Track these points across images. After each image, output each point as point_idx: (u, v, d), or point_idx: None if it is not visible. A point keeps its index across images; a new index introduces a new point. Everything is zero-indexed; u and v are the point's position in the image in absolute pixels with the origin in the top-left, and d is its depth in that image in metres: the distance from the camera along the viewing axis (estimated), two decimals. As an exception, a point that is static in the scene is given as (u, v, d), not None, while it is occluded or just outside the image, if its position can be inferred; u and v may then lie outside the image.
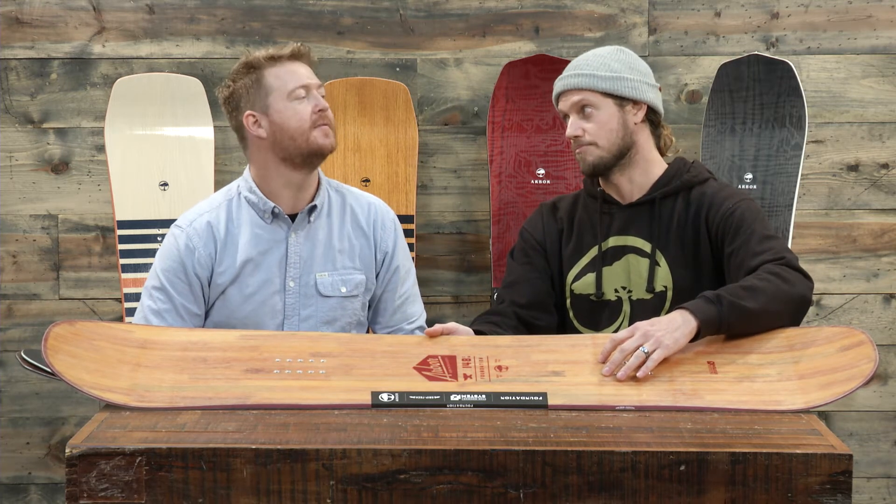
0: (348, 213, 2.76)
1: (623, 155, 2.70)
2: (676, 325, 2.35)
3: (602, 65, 2.69)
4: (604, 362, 2.33)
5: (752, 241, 2.58)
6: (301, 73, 2.66)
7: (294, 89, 2.64)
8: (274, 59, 2.65)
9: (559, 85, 2.74)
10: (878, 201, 3.62)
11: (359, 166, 3.55)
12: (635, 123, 2.71)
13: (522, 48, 3.60)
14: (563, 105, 2.73)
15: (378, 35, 3.60)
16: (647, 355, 2.30)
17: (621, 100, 2.69)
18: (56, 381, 2.24)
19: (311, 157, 2.66)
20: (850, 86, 3.59)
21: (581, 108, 2.70)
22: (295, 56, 2.67)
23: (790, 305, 2.44)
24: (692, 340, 2.36)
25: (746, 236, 2.59)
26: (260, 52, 2.67)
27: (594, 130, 2.69)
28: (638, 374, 2.29)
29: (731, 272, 2.59)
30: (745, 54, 3.52)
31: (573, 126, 2.70)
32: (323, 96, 2.68)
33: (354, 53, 3.60)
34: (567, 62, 3.48)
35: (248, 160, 2.73)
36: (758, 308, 2.40)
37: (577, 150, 2.71)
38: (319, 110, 2.65)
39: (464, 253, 3.66)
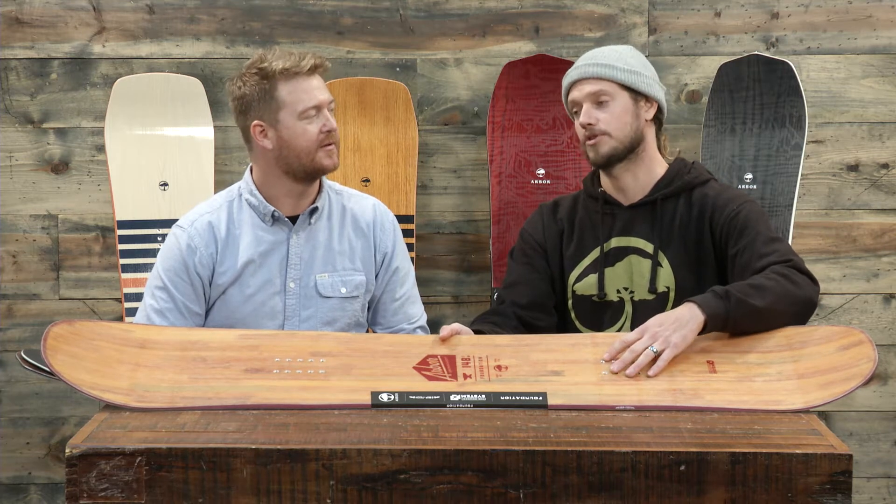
0: (348, 215, 2.76)
1: (633, 149, 2.70)
2: (684, 321, 2.37)
3: (619, 58, 2.70)
4: (610, 361, 2.33)
5: (757, 243, 2.58)
6: (314, 90, 2.62)
7: (305, 109, 2.62)
8: (289, 74, 2.61)
9: (574, 73, 2.72)
10: (878, 201, 3.61)
11: (359, 166, 3.55)
12: (646, 120, 2.71)
13: (522, 48, 3.60)
14: (577, 93, 2.71)
15: (378, 35, 3.60)
16: (657, 354, 2.32)
17: (636, 94, 2.70)
18: (56, 381, 2.25)
19: (312, 174, 2.66)
20: (850, 86, 3.59)
21: (596, 98, 2.69)
22: (311, 71, 2.63)
23: (796, 307, 2.45)
24: (707, 330, 2.39)
25: (751, 238, 2.60)
26: (276, 62, 2.60)
27: (608, 120, 2.68)
28: (650, 374, 2.31)
29: (735, 273, 2.59)
30: (745, 54, 3.52)
31: (587, 114, 2.68)
32: (332, 110, 2.67)
33: (354, 53, 3.60)
34: (567, 62, 3.48)
35: (252, 161, 2.73)
36: (764, 306, 2.41)
37: (590, 141, 2.69)
38: (327, 131, 2.64)
39: (464, 253, 3.66)
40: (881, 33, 3.57)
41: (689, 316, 2.38)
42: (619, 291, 2.72)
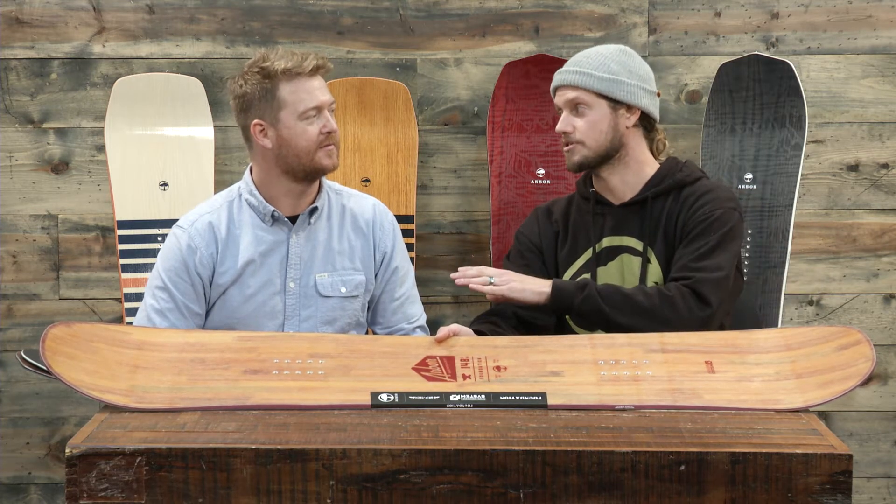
0: (347, 215, 2.76)
1: (610, 156, 2.72)
2: (530, 282, 2.61)
3: (601, 65, 2.70)
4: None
5: (694, 254, 2.62)
6: (316, 91, 2.63)
7: (306, 110, 2.62)
8: (291, 74, 2.61)
9: (557, 79, 2.76)
10: (878, 201, 3.61)
11: (359, 166, 3.55)
12: (627, 127, 2.72)
13: (522, 48, 3.60)
14: (558, 99, 2.75)
15: (378, 35, 3.60)
16: (490, 283, 2.58)
17: (615, 102, 2.70)
18: (56, 381, 2.25)
19: (312, 174, 2.66)
20: (850, 86, 3.59)
21: (574, 106, 2.71)
22: (313, 72, 2.63)
23: (661, 328, 2.51)
24: (549, 306, 2.59)
25: (698, 246, 2.62)
26: (278, 62, 2.61)
27: (584, 129, 2.70)
28: (470, 284, 2.59)
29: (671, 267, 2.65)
30: (745, 54, 3.52)
31: (564, 122, 2.72)
32: (333, 111, 2.67)
33: (354, 53, 3.60)
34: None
35: (251, 160, 2.73)
36: (614, 319, 2.55)
37: (565, 148, 2.73)
38: (327, 132, 2.64)
39: (464, 253, 3.66)
40: (881, 33, 3.57)
41: (537, 282, 2.61)
42: (612, 291, 2.72)
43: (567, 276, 2.76)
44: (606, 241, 2.75)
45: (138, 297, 3.25)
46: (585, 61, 2.72)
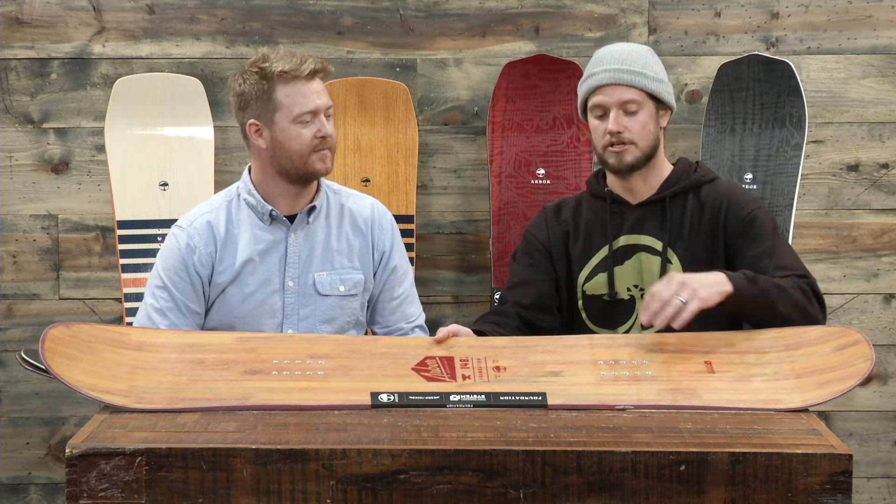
0: (346, 214, 2.76)
1: (652, 157, 2.71)
2: (712, 282, 2.42)
3: (646, 65, 2.68)
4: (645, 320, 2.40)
5: (776, 255, 2.62)
6: (312, 95, 2.62)
7: (301, 114, 2.62)
8: (288, 77, 2.61)
9: (605, 77, 2.66)
10: (878, 201, 3.62)
11: (359, 166, 3.55)
12: (661, 127, 2.72)
13: (522, 48, 3.60)
14: (605, 98, 2.66)
15: (378, 35, 3.60)
16: (684, 304, 2.36)
17: (659, 103, 2.70)
18: (56, 381, 2.25)
19: (305, 177, 2.66)
20: (850, 86, 3.59)
21: (627, 106, 2.66)
22: (310, 75, 2.62)
23: (803, 322, 2.48)
24: (719, 305, 2.42)
25: (768, 247, 2.63)
26: (276, 63, 2.60)
27: (636, 129, 2.66)
28: (675, 325, 2.34)
29: None
30: (745, 54, 3.52)
31: (616, 122, 2.64)
32: (330, 116, 2.66)
33: (354, 53, 3.60)
34: (567, 62, 3.49)
35: (250, 158, 2.74)
36: (780, 310, 2.47)
37: (613, 148, 2.66)
38: (321, 136, 2.63)
39: (464, 253, 3.66)
40: (881, 33, 3.57)
41: (718, 280, 2.43)
42: (629, 289, 2.72)
43: (583, 275, 2.75)
44: (623, 240, 2.74)
45: (138, 297, 3.25)
46: (632, 60, 2.67)
